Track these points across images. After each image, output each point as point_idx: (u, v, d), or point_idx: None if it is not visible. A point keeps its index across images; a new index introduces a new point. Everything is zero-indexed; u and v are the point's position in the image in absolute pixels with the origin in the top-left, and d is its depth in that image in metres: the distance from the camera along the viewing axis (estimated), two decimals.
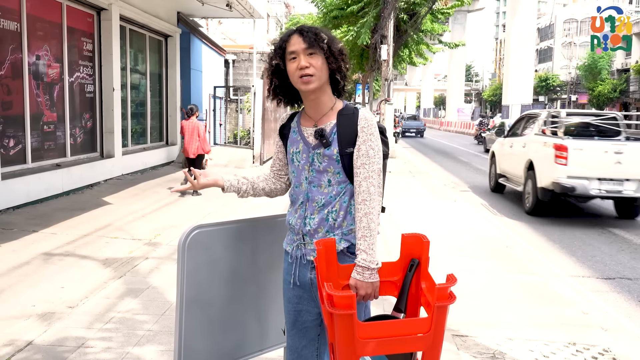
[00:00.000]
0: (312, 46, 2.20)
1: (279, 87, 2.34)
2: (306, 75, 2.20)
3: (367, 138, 2.20)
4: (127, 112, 12.49)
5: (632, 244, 7.71)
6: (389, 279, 2.20)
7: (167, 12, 14.45)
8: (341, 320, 1.82)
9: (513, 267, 6.08)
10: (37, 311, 4.31)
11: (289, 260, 2.35)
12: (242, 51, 24.71)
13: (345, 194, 2.24)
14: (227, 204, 9.23)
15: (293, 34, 2.25)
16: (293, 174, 2.34)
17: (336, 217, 2.22)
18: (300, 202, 2.29)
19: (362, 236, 2.12)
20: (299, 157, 2.30)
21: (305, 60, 2.20)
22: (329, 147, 2.22)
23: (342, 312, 1.80)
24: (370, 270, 2.08)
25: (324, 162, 2.23)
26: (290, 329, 2.39)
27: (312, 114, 2.31)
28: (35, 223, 7.24)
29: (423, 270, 2.16)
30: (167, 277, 5.20)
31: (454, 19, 57.09)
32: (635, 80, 50.28)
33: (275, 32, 51.46)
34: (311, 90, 2.23)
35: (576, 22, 67.80)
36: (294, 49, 2.22)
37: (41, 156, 9.17)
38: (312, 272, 2.25)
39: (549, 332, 4.29)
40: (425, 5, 18.21)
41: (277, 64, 2.28)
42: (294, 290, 2.33)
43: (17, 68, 8.40)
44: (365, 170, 2.17)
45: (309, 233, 2.25)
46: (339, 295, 1.81)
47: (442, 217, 8.71)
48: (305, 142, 2.29)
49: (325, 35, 2.24)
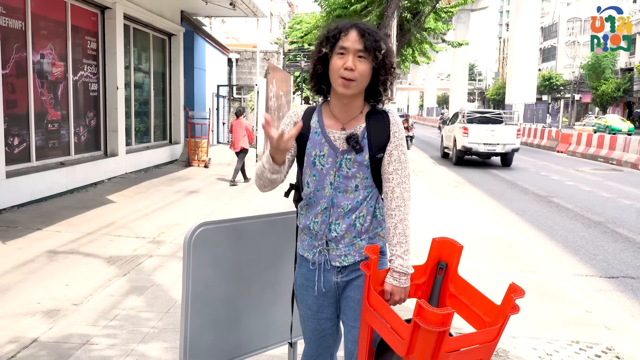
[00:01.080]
0: (366, 50, 2.07)
1: (322, 76, 2.18)
2: (348, 78, 2.07)
3: (399, 143, 2.16)
4: (130, 110, 12.52)
5: (636, 242, 7.70)
6: (414, 281, 2.21)
7: (171, 11, 14.47)
8: (431, 336, 1.77)
9: (517, 265, 6.09)
10: (42, 308, 4.34)
11: (310, 267, 2.26)
12: (246, 50, 24.73)
13: (372, 199, 2.19)
14: (230, 202, 9.26)
15: (353, 29, 2.10)
16: (314, 177, 2.20)
17: (363, 222, 2.18)
18: (323, 207, 2.18)
19: (397, 242, 2.09)
20: (324, 160, 2.17)
21: (353, 62, 2.07)
22: (361, 153, 2.14)
23: (438, 330, 1.75)
24: (406, 275, 2.09)
25: (354, 168, 2.15)
26: (309, 335, 2.34)
27: (340, 116, 2.19)
28: (39, 221, 7.27)
29: (452, 274, 2.18)
30: (171, 275, 5.22)
31: (457, 18, 57.08)
32: (639, 80, 50.12)
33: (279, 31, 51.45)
34: (348, 95, 2.13)
35: (580, 21, 67.63)
36: (347, 46, 2.08)
37: (45, 154, 9.20)
38: (338, 275, 2.22)
39: (553, 331, 4.30)
40: (428, 4, 18.19)
41: (324, 52, 2.13)
42: (317, 298, 2.27)
43: (21, 67, 8.43)
44: (398, 176, 2.13)
45: (335, 239, 2.19)
46: (434, 312, 1.75)
47: (445, 216, 8.72)
48: (331, 145, 2.17)
49: (385, 45, 2.10)
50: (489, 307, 2.05)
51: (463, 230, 7.71)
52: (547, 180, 14.52)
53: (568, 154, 23.03)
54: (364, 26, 2.11)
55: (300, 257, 2.32)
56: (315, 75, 2.20)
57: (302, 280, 2.30)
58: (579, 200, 11.11)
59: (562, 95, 63.89)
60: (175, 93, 15.14)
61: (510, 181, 14.10)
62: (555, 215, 9.61)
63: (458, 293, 2.17)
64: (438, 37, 22.92)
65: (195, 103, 16.78)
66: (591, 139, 21.84)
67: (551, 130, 26.76)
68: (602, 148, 20.63)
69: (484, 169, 17.02)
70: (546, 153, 23.93)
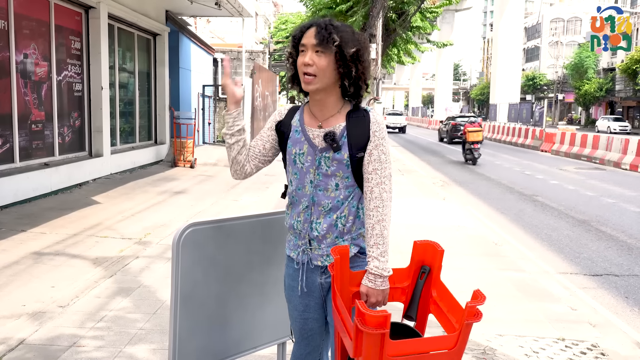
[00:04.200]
0: (321, 44, 2.07)
1: (295, 76, 2.20)
2: (307, 73, 2.09)
3: (380, 142, 2.13)
4: (115, 111, 12.41)
5: (619, 240, 7.80)
6: (397, 285, 2.19)
7: (156, 10, 14.38)
8: (372, 339, 1.78)
9: (502, 264, 6.14)
10: (27, 311, 4.29)
11: (295, 267, 2.26)
12: (231, 50, 24.65)
13: (354, 198, 2.17)
14: (217, 203, 9.23)
15: (312, 27, 2.12)
16: (295, 176, 2.21)
17: (345, 223, 2.16)
18: (304, 206, 2.19)
19: (374, 244, 2.07)
20: (303, 159, 2.18)
21: (310, 57, 2.08)
22: (339, 151, 2.12)
23: (375, 332, 1.76)
24: (382, 277, 2.06)
25: (333, 167, 2.14)
26: (297, 335, 2.35)
27: (318, 114, 2.20)
28: (24, 223, 7.20)
29: (435, 278, 2.15)
30: (158, 276, 5.19)
31: (442, 18, 57.39)
32: (620, 80, 50.75)
33: (264, 31, 51.36)
34: (312, 91, 2.14)
35: (563, 22, 68.40)
36: (304, 42, 2.10)
37: (29, 155, 9.11)
38: (322, 276, 2.21)
39: (539, 328, 4.34)
40: (414, 4, 18.28)
41: (290, 52, 2.18)
42: (302, 298, 2.26)
43: (4, 67, 8.33)
44: (377, 175, 2.11)
45: (317, 238, 2.18)
46: (372, 314, 1.76)
47: (431, 215, 8.76)
48: (310, 143, 2.18)
49: (339, 37, 2.08)
50: (460, 315, 2.00)
51: (449, 229, 7.76)
52: (531, 179, 14.65)
53: (552, 153, 23.26)
54: (324, 22, 2.11)
55: (287, 257, 2.33)
56: (291, 77, 2.22)
57: (289, 281, 2.31)
58: (563, 199, 11.23)
59: (546, 95, 64.51)
60: (160, 93, 15.04)
61: (496, 180, 14.21)
62: (540, 214, 9.70)
63: (439, 299, 2.14)
64: (423, 37, 23.06)
65: (180, 103, 16.68)
66: (574, 138, 22.08)
67: (535, 130, 27.02)
68: (586, 147, 20.86)
69: (470, 168, 17.12)
70: (530, 152, 24.15)
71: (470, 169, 16.93)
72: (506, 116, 42.30)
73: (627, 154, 18.05)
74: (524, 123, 35.22)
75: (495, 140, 31.31)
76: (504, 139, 30.05)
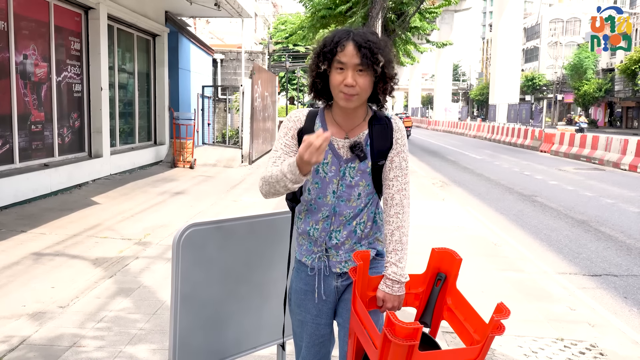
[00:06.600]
0: (365, 64, 2.00)
1: (322, 90, 2.14)
2: (349, 94, 2.02)
3: (401, 150, 2.14)
4: (115, 111, 12.43)
5: (618, 241, 7.81)
6: (412, 290, 2.20)
7: (155, 11, 14.39)
8: (400, 349, 1.76)
9: (502, 264, 6.16)
10: (27, 311, 4.30)
11: (309, 273, 2.22)
12: (230, 50, 24.67)
13: (372, 205, 2.18)
14: (216, 203, 9.24)
15: (349, 43, 2.01)
16: (316, 185, 2.15)
17: (364, 229, 2.16)
18: (325, 215, 2.15)
19: (393, 249, 2.08)
20: (327, 169, 2.13)
21: (353, 77, 2.00)
22: (365, 161, 2.11)
23: (404, 343, 1.74)
24: (399, 283, 2.07)
25: (357, 177, 2.12)
26: (307, 340, 2.28)
27: (344, 124, 2.14)
28: (23, 223, 7.20)
29: (450, 286, 2.16)
30: (157, 277, 5.20)
31: (442, 19, 57.47)
32: (620, 80, 50.80)
33: (263, 32, 51.35)
34: (351, 107, 2.09)
35: (562, 22, 68.41)
36: (345, 61, 2.01)
37: (29, 156, 9.12)
38: (338, 279, 2.20)
39: (538, 328, 4.35)
40: (413, 4, 18.29)
41: (317, 64, 2.08)
42: (317, 303, 2.24)
43: (4, 67, 8.34)
44: (398, 182, 2.13)
45: (335, 246, 2.16)
46: (402, 326, 1.74)
47: (431, 215, 8.77)
48: (335, 154, 2.13)
49: (383, 57, 2.03)
50: (479, 325, 2.02)
51: (449, 229, 7.77)
52: (530, 179, 14.66)
53: (551, 153, 23.27)
54: (361, 38, 2.02)
55: (297, 262, 2.28)
56: (315, 89, 2.15)
57: (301, 285, 2.26)
58: (562, 200, 11.24)
59: (545, 96, 64.56)
60: (159, 94, 15.06)
61: (495, 181, 14.23)
62: (539, 214, 9.71)
63: (454, 307, 2.14)
64: (422, 38, 23.05)
65: (180, 104, 16.69)
66: (574, 139, 22.09)
67: (534, 130, 27.03)
68: (585, 148, 20.87)
69: (469, 169, 17.15)
70: (529, 153, 24.16)
71: (470, 169, 16.95)
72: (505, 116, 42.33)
73: (626, 155, 18.06)
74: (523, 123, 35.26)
75: (494, 141, 31.34)
76: (503, 140, 30.08)
